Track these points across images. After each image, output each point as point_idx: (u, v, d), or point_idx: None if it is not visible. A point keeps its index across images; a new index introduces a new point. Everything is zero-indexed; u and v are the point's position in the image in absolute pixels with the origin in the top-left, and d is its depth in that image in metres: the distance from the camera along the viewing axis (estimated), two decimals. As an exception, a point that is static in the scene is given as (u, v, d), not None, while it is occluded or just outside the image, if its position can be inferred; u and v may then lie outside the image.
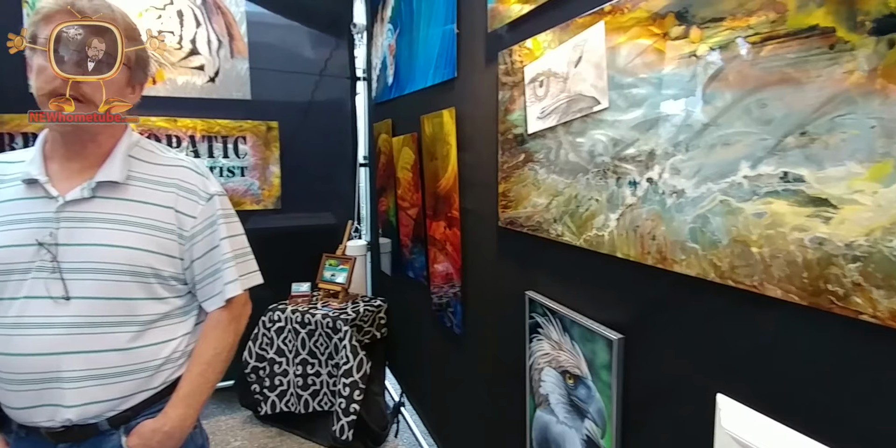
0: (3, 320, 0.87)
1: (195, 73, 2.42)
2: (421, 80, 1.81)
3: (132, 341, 0.91)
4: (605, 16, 0.87)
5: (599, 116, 0.88)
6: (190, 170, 1.00)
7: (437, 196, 1.69)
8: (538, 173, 1.07)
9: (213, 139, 2.52)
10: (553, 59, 1.01)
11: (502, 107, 1.20)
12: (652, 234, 0.78)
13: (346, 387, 2.27)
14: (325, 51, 2.77)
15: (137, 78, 0.97)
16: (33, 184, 0.90)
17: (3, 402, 0.90)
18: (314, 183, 2.83)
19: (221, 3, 2.44)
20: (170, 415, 0.94)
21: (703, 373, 0.73)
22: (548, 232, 1.05)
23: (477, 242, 1.46)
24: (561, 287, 1.05)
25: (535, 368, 1.14)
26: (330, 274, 2.67)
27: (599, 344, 0.91)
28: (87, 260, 0.88)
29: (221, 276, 1.00)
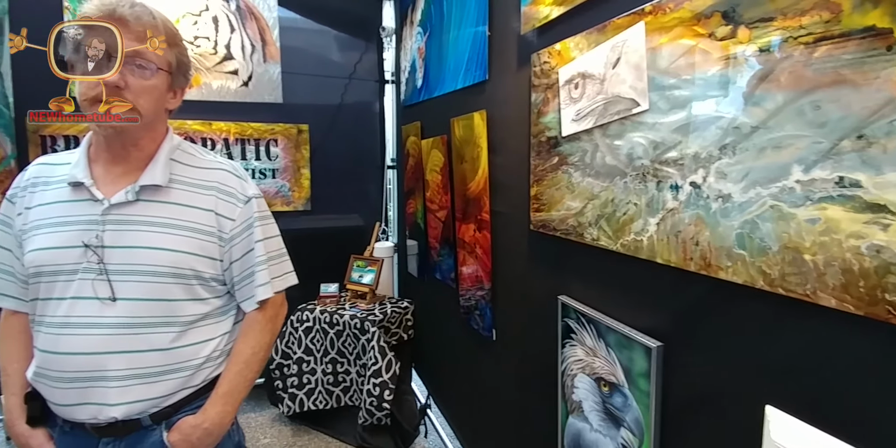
0: (52, 320, 0.89)
1: (229, 78, 2.48)
2: (451, 82, 1.81)
3: (174, 341, 0.93)
4: (645, 16, 0.85)
5: (639, 118, 0.86)
6: (229, 173, 1.02)
7: (466, 198, 1.69)
8: (572, 176, 1.06)
9: (245, 142, 2.57)
10: (589, 60, 0.99)
11: (535, 109, 1.19)
12: (695, 240, 0.76)
13: (376, 387, 2.28)
14: (354, 54, 2.80)
15: (178, 83, 0.99)
16: (79, 186, 0.92)
17: (49, 398, 0.92)
18: (343, 185, 2.86)
19: (255, 8, 2.49)
20: (209, 412, 0.96)
21: (750, 383, 0.71)
22: (582, 236, 1.03)
23: (507, 245, 1.45)
24: (595, 292, 1.04)
25: (567, 374, 1.12)
26: (357, 275, 2.69)
27: (637, 351, 0.89)
28: (131, 262, 0.90)
29: (255, 279, 1.01)
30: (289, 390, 2.50)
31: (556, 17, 1.11)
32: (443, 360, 2.29)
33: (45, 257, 0.89)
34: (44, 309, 0.91)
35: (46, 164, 0.98)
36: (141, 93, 0.89)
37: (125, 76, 0.87)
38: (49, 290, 0.90)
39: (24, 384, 0.96)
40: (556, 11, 1.10)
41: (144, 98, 0.90)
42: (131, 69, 0.88)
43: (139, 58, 0.88)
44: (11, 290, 0.99)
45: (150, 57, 0.89)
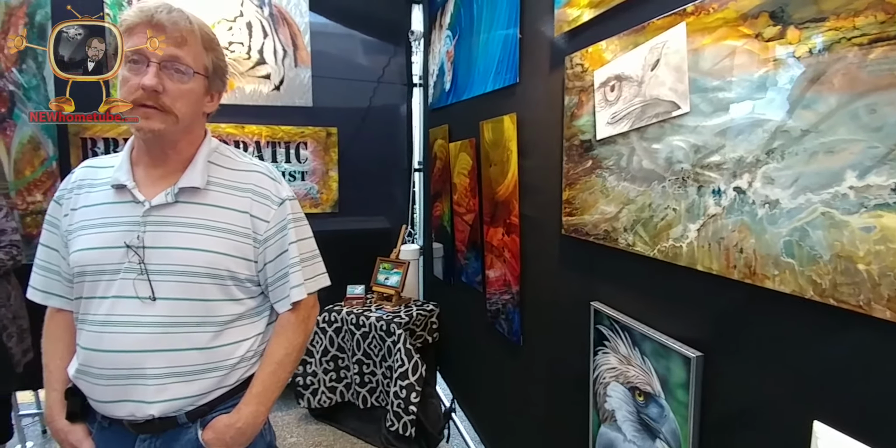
0: (94, 318, 0.92)
1: (261, 82, 2.52)
2: (480, 85, 1.81)
3: (211, 341, 0.95)
4: (686, 17, 0.83)
5: (679, 121, 0.84)
6: (264, 175, 1.03)
7: (495, 202, 1.68)
8: (607, 180, 1.04)
9: (276, 145, 2.61)
10: (626, 62, 0.97)
11: (568, 112, 1.17)
12: (739, 247, 0.74)
13: (403, 389, 2.28)
14: (383, 58, 2.83)
15: (215, 86, 1.00)
16: (121, 189, 0.95)
17: (89, 395, 0.95)
18: (370, 187, 2.89)
19: (287, 14, 2.54)
20: (243, 411, 0.97)
21: (797, 397, 0.68)
22: (616, 241, 1.01)
23: (537, 250, 1.43)
24: (630, 299, 1.01)
25: (599, 382, 1.10)
26: (384, 277, 2.70)
27: (675, 361, 0.87)
28: (170, 262, 0.92)
29: (289, 280, 1.02)
30: (305, 385, 2.53)
31: (591, 19, 1.09)
32: (468, 363, 2.27)
33: (89, 257, 0.92)
34: (87, 307, 0.93)
35: (91, 167, 1.01)
36: (178, 97, 0.91)
37: (163, 80, 0.88)
38: (92, 289, 0.93)
39: (65, 380, 0.99)
40: (590, 13, 1.09)
41: (182, 102, 0.91)
42: (169, 74, 0.89)
43: (176, 62, 0.89)
44: (57, 288, 1.02)
45: (187, 61, 0.91)
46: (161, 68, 0.88)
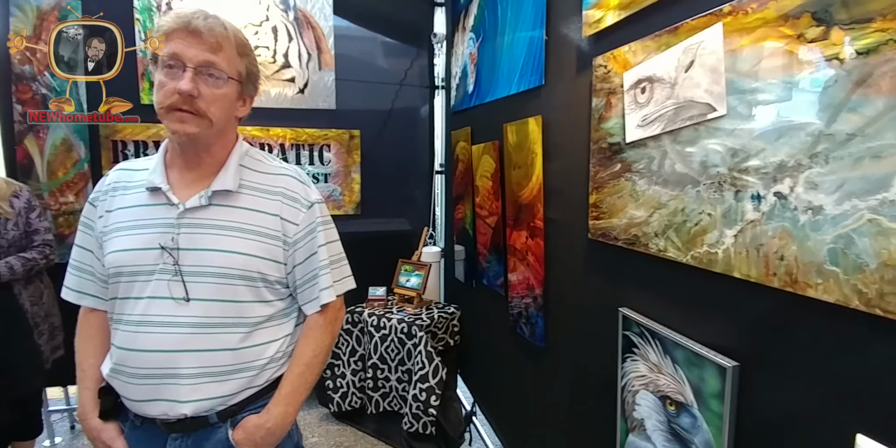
0: (130, 318, 0.94)
1: (286, 85, 2.55)
2: (504, 88, 1.80)
3: (242, 341, 0.96)
4: (723, 17, 0.81)
5: (715, 124, 0.82)
6: (293, 178, 1.04)
7: (519, 205, 1.66)
8: (637, 184, 1.02)
9: (300, 147, 2.64)
10: (658, 63, 0.95)
11: (596, 115, 1.16)
12: (779, 254, 0.71)
13: (423, 392, 2.28)
14: (405, 61, 2.84)
15: (248, 91, 1.02)
16: (156, 191, 0.96)
17: (123, 394, 0.96)
18: (391, 189, 2.90)
19: (312, 18, 2.56)
20: (272, 412, 0.98)
21: (839, 410, 0.65)
22: (647, 246, 0.99)
23: (562, 254, 1.41)
24: (661, 306, 0.99)
25: (628, 390, 1.08)
26: (405, 279, 2.70)
27: (709, 370, 0.85)
28: (203, 264, 0.93)
29: (318, 283, 1.03)
30: (334, 387, 2.54)
31: (621, 20, 1.07)
32: (489, 367, 2.26)
33: (125, 258, 0.94)
34: (122, 307, 0.95)
35: (126, 170, 1.03)
36: (212, 101, 0.92)
37: (198, 85, 0.89)
38: (128, 290, 0.94)
39: (98, 379, 1.01)
40: (620, 14, 1.07)
41: (216, 106, 0.93)
42: (204, 79, 0.90)
43: (211, 67, 0.91)
44: (91, 288, 1.04)
45: (222, 66, 0.92)
46: (196, 73, 0.89)
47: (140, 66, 2.38)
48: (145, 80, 2.39)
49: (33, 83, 2.29)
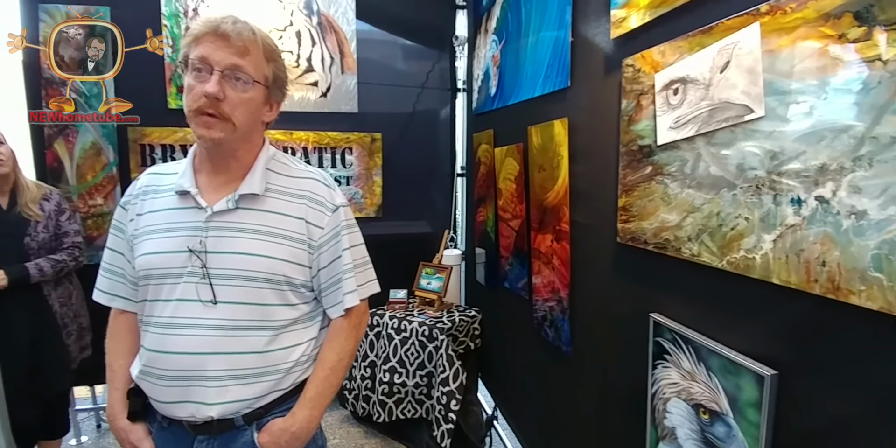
0: (159, 320, 0.95)
1: (309, 89, 2.58)
2: (528, 90, 1.79)
3: (268, 345, 0.96)
4: (760, 17, 0.79)
5: (752, 126, 0.80)
6: (319, 182, 1.04)
7: (543, 208, 1.65)
8: (669, 187, 1.00)
9: (323, 150, 2.66)
10: (691, 64, 0.93)
11: (625, 117, 1.14)
12: (821, 260, 0.69)
13: (444, 395, 2.27)
14: (427, 64, 2.84)
15: (274, 96, 1.02)
16: (185, 195, 0.97)
17: (152, 395, 0.98)
18: (412, 192, 2.90)
19: (335, 22, 2.58)
20: (297, 416, 0.98)
21: (882, 420, 0.63)
22: (679, 250, 0.97)
23: (588, 258, 1.39)
24: (695, 312, 0.97)
25: (659, 398, 1.05)
26: (426, 282, 2.70)
27: (746, 379, 0.82)
28: (230, 267, 0.94)
29: (342, 286, 1.03)
30: (363, 393, 2.54)
31: (652, 20, 1.05)
32: (511, 371, 2.24)
33: (154, 261, 0.95)
34: (152, 310, 0.96)
35: (156, 174, 1.05)
36: (238, 105, 0.92)
37: (224, 88, 0.90)
38: (157, 292, 0.95)
39: (127, 380, 1.02)
40: (651, 14, 1.05)
41: (240, 110, 0.93)
42: (231, 82, 0.91)
43: (238, 71, 0.91)
44: (122, 290, 1.05)
45: (248, 70, 0.92)
46: (223, 77, 0.90)
47: (168, 71, 2.43)
48: (172, 85, 2.44)
49: (63, 88, 2.35)
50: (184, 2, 2.41)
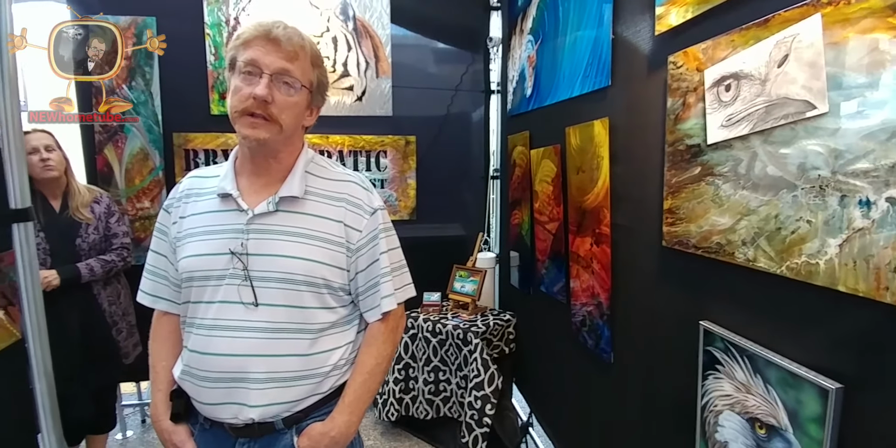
0: (202, 322, 0.96)
1: (345, 94, 2.61)
2: (566, 90, 1.75)
3: (308, 348, 0.96)
4: (822, 8, 0.74)
5: (815, 123, 0.75)
6: (357, 185, 1.04)
7: (582, 211, 1.61)
8: (720, 188, 0.95)
9: (358, 153, 2.69)
10: (745, 59, 0.89)
11: (671, 115, 1.10)
12: (893, 266, 0.64)
13: (478, 400, 2.25)
14: (461, 66, 2.83)
15: (316, 101, 1.03)
16: (227, 197, 0.99)
17: (194, 396, 0.99)
18: (446, 195, 2.89)
19: (370, 27, 2.61)
20: (336, 420, 0.98)
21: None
22: (732, 255, 0.93)
23: (631, 262, 1.35)
24: (750, 320, 0.92)
25: (710, 410, 1.00)
26: (460, 285, 2.68)
27: (807, 392, 0.77)
28: (271, 269, 0.94)
29: (380, 290, 1.02)
30: (396, 395, 2.54)
31: (700, 14, 1.01)
32: (547, 377, 2.20)
33: (197, 263, 0.96)
34: (195, 311, 0.98)
35: (198, 177, 1.06)
36: (285, 108, 0.94)
37: (272, 91, 0.91)
38: (200, 294, 0.97)
39: (170, 381, 1.04)
40: (699, 8, 1.01)
41: (287, 113, 0.94)
42: (279, 86, 0.92)
43: (286, 75, 0.92)
44: (165, 292, 1.07)
45: (296, 74, 0.93)
46: (272, 80, 0.91)
47: (210, 78, 2.50)
48: (214, 92, 2.51)
49: (112, 96, 2.45)
50: (226, 11, 2.48)
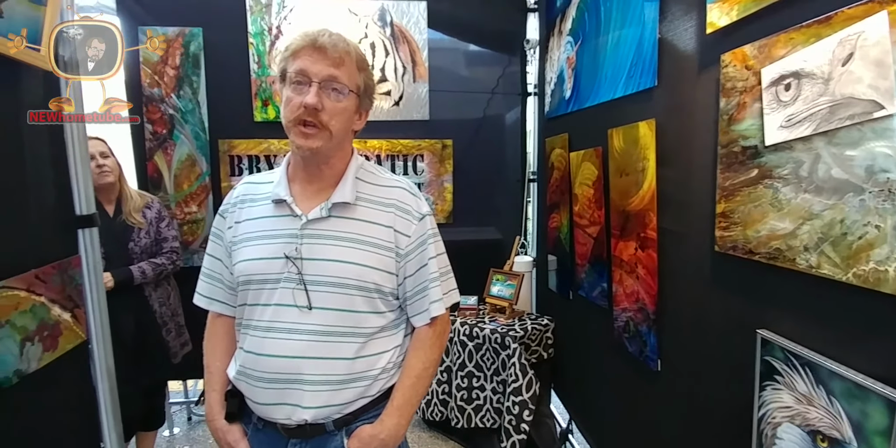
0: (258, 324, 0.99)
1: (383, 98, 2.64)
2: (608, 91, 1.72)
3: (359, 351, 0.98)
4: (888, 5, 0.71)
5: (883, 124, 0.72)
6: (406, 191, 1.05)
7: (626, 214, 1.58)
8: (780, 191, 0.92)
9: (395, 158, 2.72)
10: (806, 57, 0.86)
11: (724, 116, 1.06)
12: (979, 274, 0.60)
13: (516, 405, 2.23)
14: (497, 69, 2.82)
15: (364, 105, 1.05)
16: (281, 203, 1.01)
17: (249, 396, 1.01)
18: (483, 198, 2.88)
19: (407, 32, 2.63)
20: (386, 423, 0.99)
21: None
22: (793, 261, 0.89)
23: (679, 267, 1.31)
24: (812, 329, 0.88)
25: (767, 422, 0.97)
26: (497, 289, 2.67)
27: (874, 404, 0.73)
28: (323, 273, 0.96)
29: (428, 295, 1.03)
30: (440, 396, 2.54)
31: (755, 12, 0.98)
32: (588, 383, 2.16)
33: (253, 267, 0.99)
34: (251, 313, 1.00)
35: (252, 183, 1.09)
36: (334, 114, 0.95)
37: (322, 99, 0.93)
38: (256, 297, 1.00)
39: (224, 382, 1.07)
40: (754, 5, 0.98)
41: (337, 119, 0.96)
42: (328, 93, 0.94)
43: (334, 81, 0.94)
44: (220, 295, 1.11)
45: (344, 80, 0.95)
46: (321, 88, 0.93)
47: (254, 85, 2.57)
48: (258, 99, 2.58)
49: (161, 104, 2.55)
50: (268, 20, 2.55)
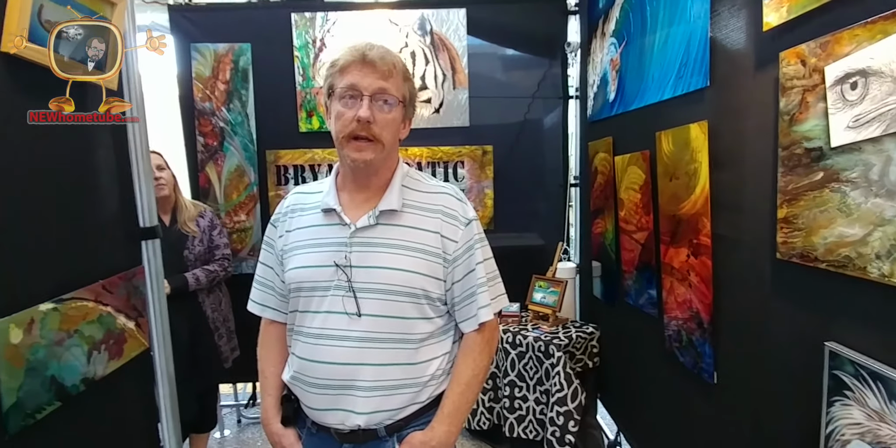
0: (309, 330, 1.01)
1: (423, 106, 2.66)
2: (655, 93, 1.68)
3: (410, 357, 0.99)
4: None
5: (969, 122, 0.66)
6: (451, 196, 1.06)
7: (677, 220, 1.52)
8: (848, 196, 0.86)
9: (436, 165, 2.73)
10: (874, 54, 0.80)
11: (785, 116, 1.01)
12: None
13: (560, 416, 2.18)
14: (538, 72, 2.79)
15: (409, 114, 1.06)
16: (330, 212, 1.04)
17: (304, 401, 1.04)
18: (524, 204, 2.86)
19: (446, 39, 2.65)
20: (437, 430, 1.00)
21: None
22: (864, 270, 0.83)
23: (736, 275, 1.25)
24: (886, 342, 0.82)
25: (835, 439, 0.91)
26: (540, 296, 2.63)
27: (969, 427, 0.67)
28: (373, 281, 0.97)
29: (476, 300, 1.03)
30: (486, 404, 2.52)
31: (816, 8, 0.93)
32: (636, 394, 2.09)
33: (304, 275, 1.01)
34: (302, 320, 1.03)
35: (302, 193, 1.12)
36: (385, 126, 0.97)
37: (373, 112, 0.95)
38: (307, 304, 1.02)
39: (279, 386, 1.10)
40: (815, 2, 0.93)
41: (387, 130, 0.98)
42: (378, 105, 0.96)
43: (384, 94, 0.96)
44: (272, 302, 1.14)
45: (392, 91, 0.97)
46: (372, 101, 0.95)
47: (299, 97, 2.64)
48: (303, 110, 2.65)
49: (212, 118, 2.66)
50: (312, 33, 2.62)
